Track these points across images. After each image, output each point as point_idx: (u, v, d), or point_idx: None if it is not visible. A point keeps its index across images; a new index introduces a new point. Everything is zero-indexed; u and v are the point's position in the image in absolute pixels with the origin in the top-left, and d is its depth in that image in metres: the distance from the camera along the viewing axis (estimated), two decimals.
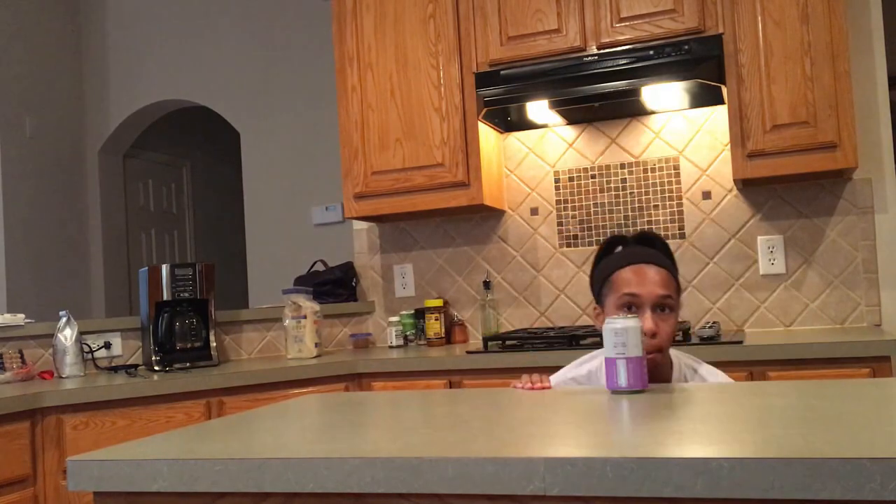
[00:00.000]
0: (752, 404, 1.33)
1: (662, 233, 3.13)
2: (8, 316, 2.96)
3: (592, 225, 3.23)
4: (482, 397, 1.62)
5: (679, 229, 3.12)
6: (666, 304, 1.74)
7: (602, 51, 2.87)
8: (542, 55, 2.96)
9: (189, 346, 3.03)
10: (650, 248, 1.83)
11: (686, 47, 2.71)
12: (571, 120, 3.24)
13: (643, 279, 1.73)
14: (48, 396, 2.42)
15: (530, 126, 3.29)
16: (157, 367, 2.94)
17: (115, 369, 2.99)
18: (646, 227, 3.15)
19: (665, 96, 2.97)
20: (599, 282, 1.82)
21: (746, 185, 3.00)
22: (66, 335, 2.90)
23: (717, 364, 2.46)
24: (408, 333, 3.35)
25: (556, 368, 2.61)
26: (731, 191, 3.06)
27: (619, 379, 1.51)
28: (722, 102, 2.97)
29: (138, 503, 1.19)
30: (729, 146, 2.92)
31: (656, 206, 3.15)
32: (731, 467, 0.92)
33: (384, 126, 3.17)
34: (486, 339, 2.88)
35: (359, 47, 3.21)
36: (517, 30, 2.99)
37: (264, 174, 4.83)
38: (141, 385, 2.55)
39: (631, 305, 1.73)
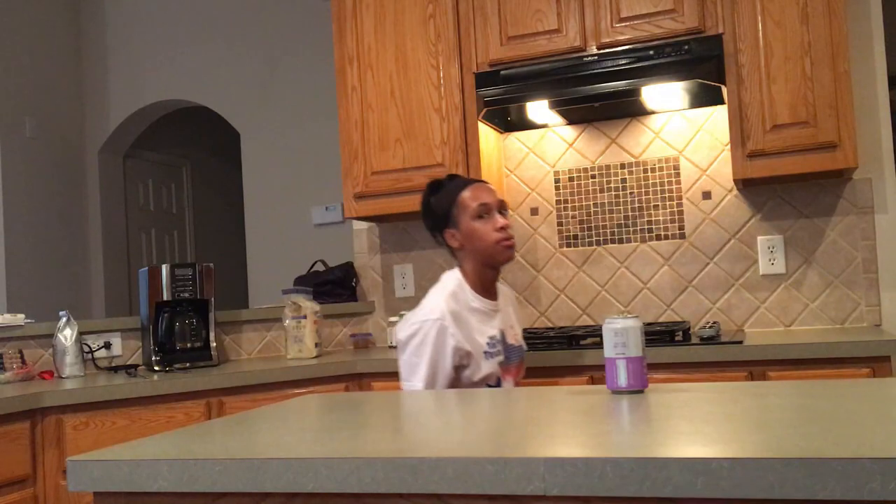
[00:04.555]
0: (752, 404, 1.33)
1: (662, 233, 3.13)
2: (8, 316, 2.96)
3: (592, 225, 3.22)
4: (482, 397, 1.62)
5: (679, 229, 3.12)
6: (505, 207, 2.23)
7: (602, 51, 2.86)
8: (542, 55, 2.95)
9: (189, 346, 3.03)
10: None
11: (686, 47, 2.71)
12: (571, 120, 3.24)
13: (486, 192, 2.19)
14: (48, 396, 2.42)
15: (530, 126, 3.29)
16: (157, 368, 2.94)
17: (115, 369, 2.99)
18: (646, 227, 3.15)
19: (665, 96, 2.97)
20: (446, 208, 2.19)
21: (746, 185, 3.00)
22: (66, 335, 2.90)
23: (717, 364, 2.47)
24: None
25: (557, 369, 2.62)
26: (731, 191, 3.06)
27: (619, 379, 1.51)
28: (722, 102, 2.97)
29: (138, 503, 1.19)
30: (729, 146, 2.92)
31: (656, 206, 3.15)
32: (731, 467, 0.92)
33: (384, 126, 3.16)
34: None
35: (359, 47, 3.21)
36: (517, 30, 2.99)
37: (264, 174, 4.83)
38: (141, 385, 2.55)
39: (482, 214, 2.15)
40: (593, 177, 3.24)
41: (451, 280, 2.14)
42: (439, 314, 2.01)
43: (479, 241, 2.13)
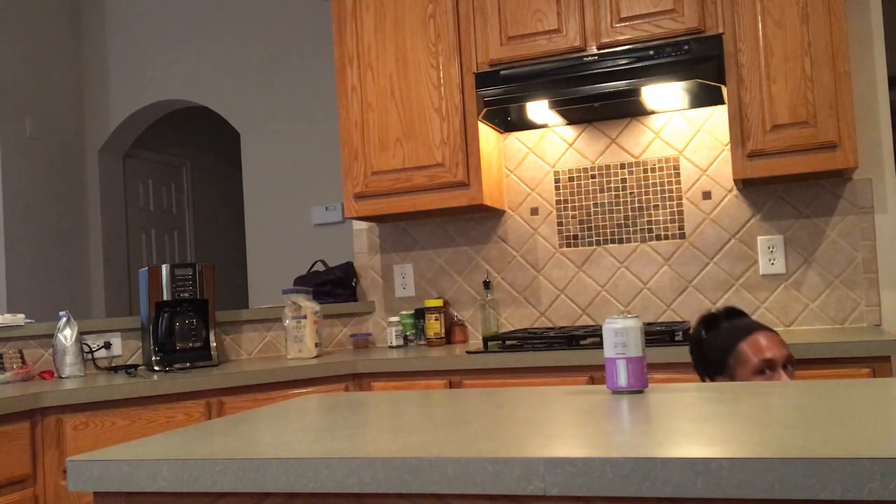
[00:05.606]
0: (752, 404, 1.33)
1: (662, 233, 3.13)
2: (8, 316, 2.96)
3: (592, 225, 3.23)
4: (482, 397, 1.62)
5: (679, 229, 3.12)
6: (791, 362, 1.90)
7: (602, 51, 2.87)
8: (542, 55, 2.96)
9: (189, 346, 3.03)
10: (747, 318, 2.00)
11: (686, 47, 2.71)
12: (571, 120, 3.24)
13: (771, 344, 1.88)
14: (48, 396, 2.42)
15: (530, 126, 3.29)
16: (157, 367, 2.94)
17: (115, 369, 2.99)
18: (646, 227, 3.15)
19: (665, 96, 2.97)
20: (721, 355, 1.91)
21: (746, 185, 3.00)
22: (66, 335, 2.90)
23: None
24: (408, 333, 3.35)
25: (557, 369, 2.62)
26: (731, 191, 3.07)
27: (619, 379, 1.51)
28: (722, 102, 2.97)
29: (138, 503, 1.19)
30: (729, 146, 2.92)
31: (656, 206, 3.15)
32: (731, 467, 0.92)
33: (384, 126, 3.17)
34: (486, 339, 2.88)
35: (359, 47, 3.21)
36: (517, 30, 2.99)
37: (264, 174, 4.83)
38: (141, 385, 2.55)
39: (765, 370, 1.85)
40: (593, 177, 3.24)
41: None
42: None
43: None
